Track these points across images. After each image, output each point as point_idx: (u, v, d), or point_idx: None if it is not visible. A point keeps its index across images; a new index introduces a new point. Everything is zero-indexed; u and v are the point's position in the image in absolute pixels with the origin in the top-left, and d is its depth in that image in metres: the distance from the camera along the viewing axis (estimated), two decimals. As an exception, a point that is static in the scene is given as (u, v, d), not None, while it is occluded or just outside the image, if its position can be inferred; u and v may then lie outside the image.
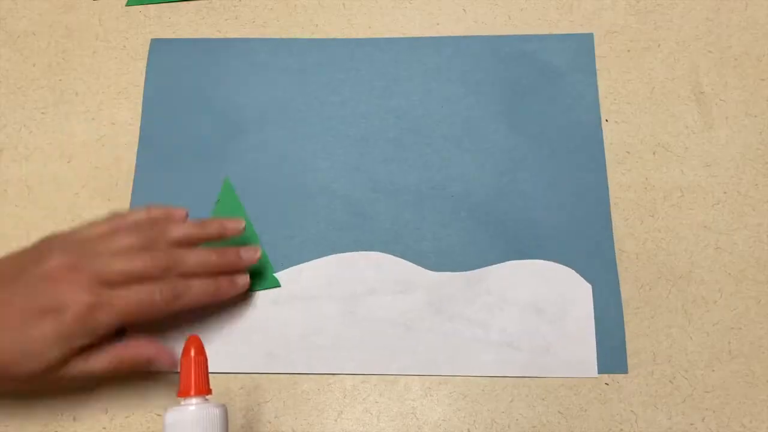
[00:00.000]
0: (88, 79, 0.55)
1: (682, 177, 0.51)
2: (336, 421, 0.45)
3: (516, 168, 0.51)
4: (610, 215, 0.50)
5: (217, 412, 0.37)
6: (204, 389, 0.37)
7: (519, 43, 0.55)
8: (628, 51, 0.54)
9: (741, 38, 0.55)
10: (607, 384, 0.46)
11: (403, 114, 0.53)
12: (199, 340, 0.38)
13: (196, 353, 0.38)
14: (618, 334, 0.47)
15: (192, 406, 0.37)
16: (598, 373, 0.46)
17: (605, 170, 0.51)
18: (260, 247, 0.47)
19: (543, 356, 0.46)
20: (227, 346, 0.47)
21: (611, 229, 0.49)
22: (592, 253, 0.49)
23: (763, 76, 0.53)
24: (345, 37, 0.55)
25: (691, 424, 0.45)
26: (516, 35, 0.55)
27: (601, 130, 0.52)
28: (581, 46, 0.55)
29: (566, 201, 0.50)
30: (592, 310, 0.47)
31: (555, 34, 0.55)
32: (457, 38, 0.55)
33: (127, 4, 0.57)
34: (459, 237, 0.49)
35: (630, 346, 0.46)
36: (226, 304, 0.47)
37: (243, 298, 0.48)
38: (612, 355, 0.46)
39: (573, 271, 0.48)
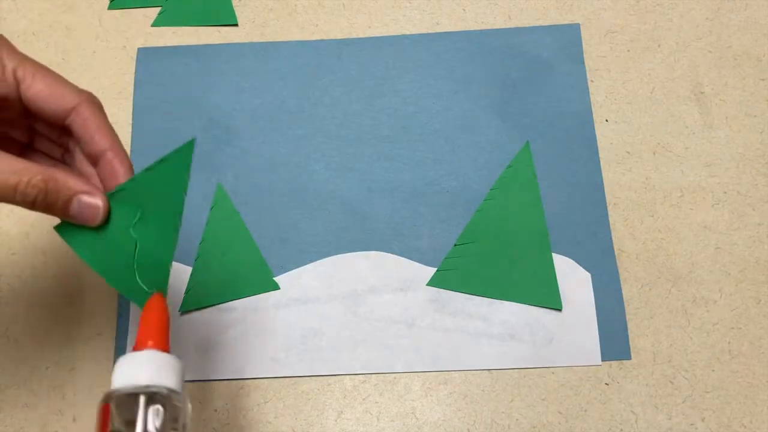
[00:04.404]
0: (88, 79, 0.55)
1: (682, 177, 0.51)
2: (336, 421, 0.45)
3: (510, 161, 0.51)
4: (606, 203, 0.50)
5: (173, 361, 0.33)
6: (163, 345, 0.34)
7: (506, 36, 0.55)
8: (628, 51, 0.54)
9: (741, 38, 0.55)
10: (607, 384, 0.46)
11: (394, 112, 0.53)
12: (163, 299, 0.35)
13: (159, 311, 0.34)
14: (620, 322, 0.47)
15: (147, 351, 0.33)
16: (602, 360, 0.46)
17: (598, 158, 0.51)
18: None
19: (546, 347, 0.46)
20: (230, 353, 0.47)
21: (607, 216, 0.49)
22: (589, 241, 0.49)
23: (763, 76, 0.53)
24: (345, 37, 0.55)
25: (691, 424, 0.45)
26: (503, 28, 0.55)
27: (593, 118, 0.52)
28: (568, 36, 0.55)
29: (561, 190, 0.50)
30: (593, 299, 0.47)
31: (541, 26, 0.55)
32: (443, 34, 0.55)
33: (110, 8, 0.57)
34: (456, 232, 0.49)
35: (630, 346, 0.46)
36: (229, 313, 0.48)
37: (245, 304, 0.48)
38: (615, 342, 0.46)
39: (571, 260, 0.48)
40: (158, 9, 0.57)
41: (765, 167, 0.51)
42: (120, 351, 0.47)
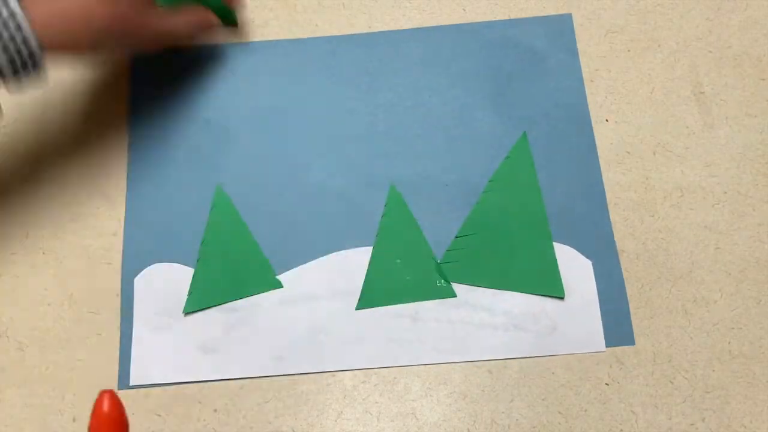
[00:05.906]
0: (86, 80, 0.55)
1: (682, 177, 0.51)
2: (336, 421, 0.45)
3: (507, 152, 0.51)
4: (604, 190, 0.50)
5: None
6: None
7: (499, 28, 0.55)
8: (628, 51, 0.54)
9: (741, 38, 0.55)
10: (607, 384, 0.46)
11: (390, 108, 0.53)
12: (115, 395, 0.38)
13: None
14: (622, 308, 0.47)
15: None
16: (606, 346, 0.46)
17: (595, 147, 0.51)
18: None
19: (550, 335, 0.47)
20: (234, 353, 0.47)
21: (606, 204, 0.50)
22: (589, 230, 0.49)
23: (763, 76, 0.53)
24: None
25: (691, 424, 0.45)
26: (495, 20, 0.55)
27: (588, 108, 0.52)
28: (560, 26, 0.55)
29: (559, 180, 0.51)
30: (595, 286, 0.48)
31: (534, 17, 0.55)
32: (436, 28, 0.55)
33: None
34: (457, 225, 0.49)
35: (633, 331, 0.46)
36: (235, 310, 0.48)
37: (249, 303, 0.48)
38: (618, 328, 0.47)
39: (572, 249, 0.49)
40: (158, 9, 0.57)
41: (765, 167, 0.51)
42: (122, 351, 0.47)
